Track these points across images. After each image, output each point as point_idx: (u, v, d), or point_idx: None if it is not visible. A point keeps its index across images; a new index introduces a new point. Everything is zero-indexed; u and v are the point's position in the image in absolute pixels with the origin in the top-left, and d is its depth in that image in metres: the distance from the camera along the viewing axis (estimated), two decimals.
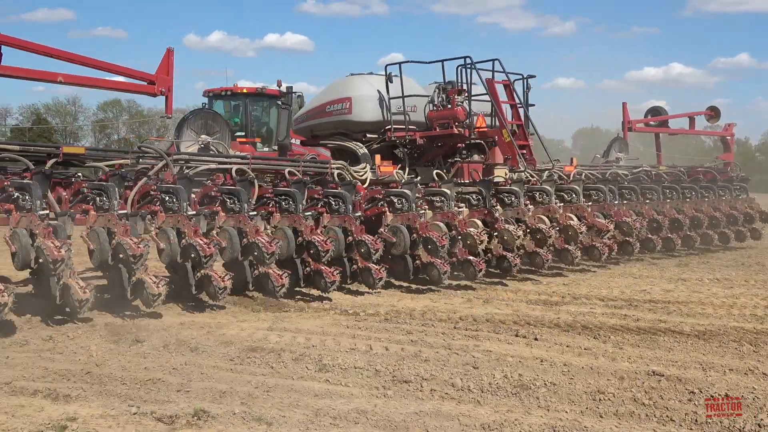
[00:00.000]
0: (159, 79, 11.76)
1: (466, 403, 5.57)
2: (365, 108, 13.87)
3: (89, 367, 6.39)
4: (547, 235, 11.39)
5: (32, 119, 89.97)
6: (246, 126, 19.71)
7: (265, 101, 20.04)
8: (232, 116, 19.77)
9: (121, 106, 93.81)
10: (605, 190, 13.32)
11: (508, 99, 13.53)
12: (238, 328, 7.93)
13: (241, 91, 20.02)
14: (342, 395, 5.72)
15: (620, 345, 7.30)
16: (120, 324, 7.96)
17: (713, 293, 10.27)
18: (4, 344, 7.13)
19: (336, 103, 14.34)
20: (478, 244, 10.62)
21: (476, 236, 10.63)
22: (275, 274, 9.07)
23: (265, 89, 19.91)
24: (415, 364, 6.50)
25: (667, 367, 6.44)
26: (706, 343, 7.36)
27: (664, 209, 14.42)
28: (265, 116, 20.18)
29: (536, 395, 5.72)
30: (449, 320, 8.37)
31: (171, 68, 11.84)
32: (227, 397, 5.63)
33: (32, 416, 5.15)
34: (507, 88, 13.51)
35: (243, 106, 19.88)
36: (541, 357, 6.76)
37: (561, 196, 12.79)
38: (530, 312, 8.83)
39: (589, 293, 10.19)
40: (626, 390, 5.82)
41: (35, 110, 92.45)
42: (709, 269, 12.82)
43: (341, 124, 14.37)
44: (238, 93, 19.97)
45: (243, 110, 19.99)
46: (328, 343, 7.26)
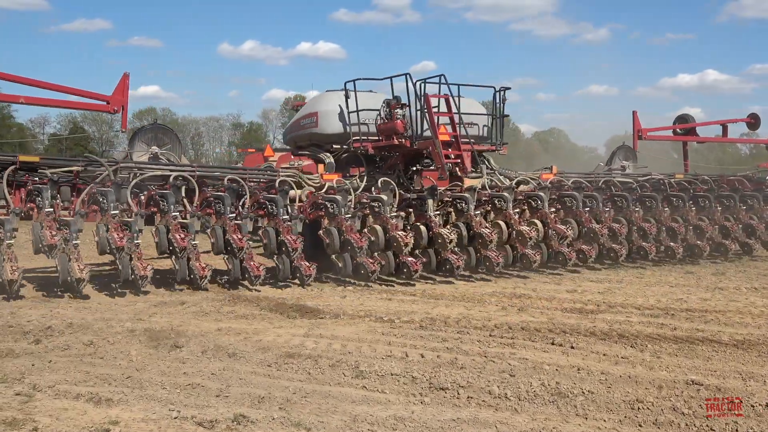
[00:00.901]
0: (114, 100, 13.91)
1: (503, 411, 5.55)
2: (329, 122, 14.53)
3: (130, 371, 6.47)
4: (488, 239, 12.14)
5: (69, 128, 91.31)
6: None
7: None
8: None
9: (156, 114, 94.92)
10: (578, 197, 13.64)
11: (448, 111, 13.73)
12: (274, 334, 7.97)
13: None
14: (379, 402, 5.73)
15: (658, 354, 7.23)
16: (158, 329, 8.03)
17: (751, 302, 10.13)
18: (46, 348, 7.24)
19: (307, 117, 15.19)
20: (403, 246, 11.71)
21: (401, 239, 11.73)
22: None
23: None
24: (452, 372, 6.49)
25: (706, 377, 6.37)
26: (745, 353, 7.26)
27: (662, 217, 14.49)
28: None
29: (574, 403, 5.69)
30: (484, 328, 8.33)
31: (126, 90, 13.89)
32: (266, 402, 5.66)
33: (76, 419, 5.22)
34: (447, 102, 13.69)
35: None
36: (578, 365, 6.71)
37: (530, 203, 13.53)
38: (565, 320, 8.77)
39: (625, 302, 10.10)
40: (665, 399, 5.76)
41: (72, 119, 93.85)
42: (746, 278, 12.65)
43: (313, 136, 15.05)
44: None
45: None
46: (364, 350, 7.27)
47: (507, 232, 12.89)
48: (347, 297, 10.35)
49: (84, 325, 8.21)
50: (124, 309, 9.20)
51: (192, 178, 11.77)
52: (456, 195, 13.03)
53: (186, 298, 9.99)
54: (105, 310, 9.14)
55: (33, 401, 5.61)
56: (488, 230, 12.36)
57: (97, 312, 9.00)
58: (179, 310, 9.19)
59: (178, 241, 10.61)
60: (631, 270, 13.63)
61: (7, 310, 8.97)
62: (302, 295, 10.45)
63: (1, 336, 7.75)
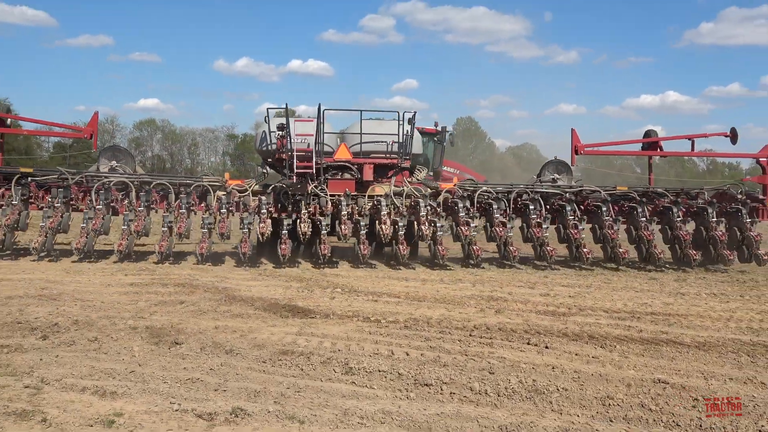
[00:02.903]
0: (86, 131, 18.47)
1: (484, 406, 5.56)
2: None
3: (132, 366, 6.42)
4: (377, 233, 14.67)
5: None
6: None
7: (425, 138, 22.19)
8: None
9: (156, 125, 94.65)
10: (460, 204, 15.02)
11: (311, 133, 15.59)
12: (268, 332, 7.94)
13: None
14: (368, 397, 5.73)
15: (626, 354, 7.26)
16: (159, 327, 7.98)
17: (711, 307, 10.19)
18: (53, 344, 7.18)
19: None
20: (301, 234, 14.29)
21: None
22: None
23: (424, 129, 22.50)
24: (435, 369, 6.49)
25: (671, 376, 6.41)
26: (706, 354, 7.32)
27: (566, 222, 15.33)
28: (425, 149, 22.06)
29: (549, 399, 5.71)
30: (464, 328, 8.32)
31: (95, 123, 18.13)
32: (261, 396, 5.64)
33: (82, 411, 5.19)
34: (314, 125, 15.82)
35: None
36: (552, 364, 6.73)
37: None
38: (540, 322, 8.79)
39: (594, 305, 10.13)
40: (634, 396, 5.79)
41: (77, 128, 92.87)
42: (706, 284, 12.72)
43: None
44: None
45: None
46: (353, 348, 7.26)
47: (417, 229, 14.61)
48: (336, 298, 10.32)
49: (89, 322, 8.15)
50: (126, 307, 9.13)
51: (131, 183, 15.22)
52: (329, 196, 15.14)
53: (184, 298, 9.93)
54: (108, 308, 9.07)
55: (41, 394, 5.56)
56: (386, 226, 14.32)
57: (101, 310, 8.93)
58: (178, 309, 9.13)
59: None
60: (600, 276, 13.75)
61: (15, 308, 8.89)
62: (293, 296, 10.40)
63: (11, 332, 7.68)
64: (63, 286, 10.63)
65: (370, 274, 13.09)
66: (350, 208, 14.82)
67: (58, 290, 10.28)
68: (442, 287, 11.66)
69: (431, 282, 12.23)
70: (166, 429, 4.89)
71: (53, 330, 7.76)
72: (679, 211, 15.45)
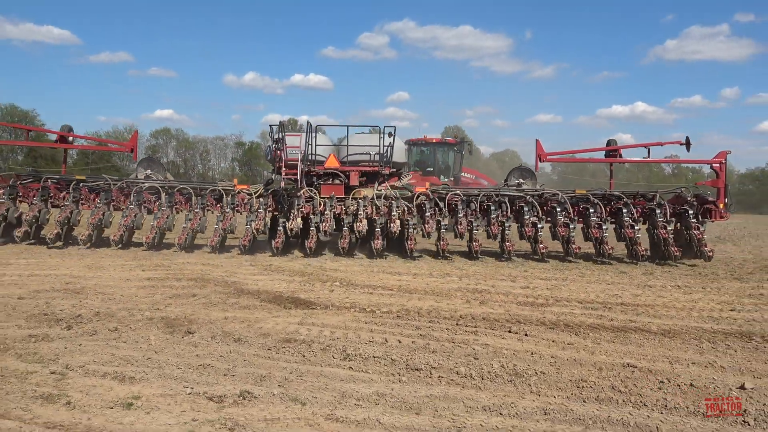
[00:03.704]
0: (127, 145, 20.61)
1: (469, 389, 5.56)
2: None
3: (149, 353, 6.41)
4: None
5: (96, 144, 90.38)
6: (434, 164, 24.94)
7: (446, 147, 25.01)
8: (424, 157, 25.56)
9: (170, 134, 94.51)
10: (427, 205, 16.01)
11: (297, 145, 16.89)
12: (273, 322, 7.93)
13: (430, 141, 25.65)
14: (364, 380, 5.72)
15: (598, 341, 7.28)
16: (173, 318, 7.96)
17: (675, 298, 10.22)
18: (77, 334, 7.16)
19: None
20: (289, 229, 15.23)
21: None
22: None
23: (446, 140, 25.58)
24: (425, 355, 6.49)
25: (639, 360, 6.43)
26: (671, 340, 7.35)
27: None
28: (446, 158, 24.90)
29: (528, 382, 5.72)
30: (452, 318, 8.33)
31: (135, 139, 20.22)
32: (267, 380, 5.64)
33: (103, 394, 5.18)
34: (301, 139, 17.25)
35: (431, 151, 25.35)
36: (531, 350, 6.74)
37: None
38: (520, 312, 8.80)
39: (569, 296, 10.15)
40: (605, 379, 5.81)
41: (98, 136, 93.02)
42: (671, 278, 12.77)
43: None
44: (429, 142, 25.54)
45: (431, 154, 25.50)
46: (350, 336, 7.25)
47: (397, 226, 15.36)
48: (334, 291, 10.31)
49: (109, 314, 8.13)
50: (143, 300, 9.12)
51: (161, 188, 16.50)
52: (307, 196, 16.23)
53: (197, 291, 9.91)
54: (127, 300, 9.05)
55: (66, 379, 5.55)
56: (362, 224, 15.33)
57: (121, 302, 8.91)
58: (191, 302, 9.12)
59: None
60: (575, 270, 13.77)
61: (43, 300, 8.86)
62: (296, 289, 10.40)
63: (38, 323, 7.66)
64: (86, 281, 10.61)
65: (366, 269, 13.09)
66: (338, 208, 15.94)
67: (82, 284, 10.25)
68: (432, 281, 11.67)
69: (422, 276, 12.24)
70: (180, 411, 4.88)
71: (77, 321, 7.75)
72: (629, 212, 15.58)
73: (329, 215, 15.50)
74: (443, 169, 25.62)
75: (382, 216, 15.75)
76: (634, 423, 4.83)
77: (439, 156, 25.97)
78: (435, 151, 25.93)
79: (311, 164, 16.96)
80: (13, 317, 7.91)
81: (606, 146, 18.34)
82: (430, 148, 26.04)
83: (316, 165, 17.01)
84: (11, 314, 8.06)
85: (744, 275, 13.38)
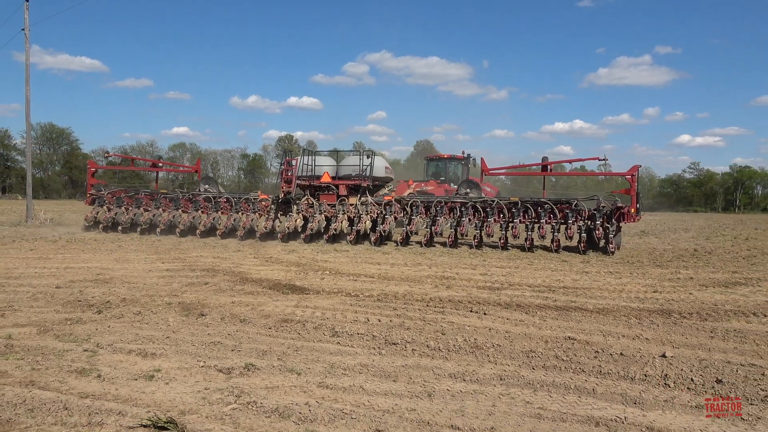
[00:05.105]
0: (194, 168, 23.33)
1: (437, 359, 5.57)
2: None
3: (168, 333, 6.35)
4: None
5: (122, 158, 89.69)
6: (446, 174, 26.49)
7: (455, 161, 26.68)
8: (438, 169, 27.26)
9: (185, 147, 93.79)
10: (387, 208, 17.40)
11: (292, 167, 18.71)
12: (273, 305, 7.88)
13: (443, 156, 27.41)
14: (349, 353, 5.71)
15: (544, 318, 7.32)
16: (188, 303, 7.89)
17: (608, 282, 10.29)
18: (106, 317, 7.07)
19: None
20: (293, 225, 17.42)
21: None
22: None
23: (455, 156, 26.88)
24: (400, 332, 6.49)
25: (578, 334, 6.47)
26: (604, 317, 7.40)
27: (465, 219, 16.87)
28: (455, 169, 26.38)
29: (487, 354, 5.73)
30: (423, 300, 8.33)
31: (199, 164, 23.32)
32: (267, 354, 5.60)
33: (129, 368, 5.12)
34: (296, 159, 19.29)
35: (444, 164, 26.88)
36: (489, 326, 6.76)
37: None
38: (480, 295, 8.82)
39: (521, 281, 10.19)
40: (550, 350, 5.84)
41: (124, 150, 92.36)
42: (604, 265, 12.85)
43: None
44: (442, 158, 27.36)
45: (444, 166, 26.96)
46: (338, 317, 7.22)
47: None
48: (325, 279, 10.27)
49: (134, 300, 8.04)
50: (163, 288, 9.02)
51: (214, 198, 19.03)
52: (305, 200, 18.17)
53: (208, 280, 9.82)
54: (149, 288, 8.94)
55: (97, 356, 5.48)
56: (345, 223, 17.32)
57: (143, 290, 8.80)
58: (203, 289, 9.03)
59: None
60: (525, 260, 13.81)
61: (77, 289, 8.74)
62: (292, 277, 10.34)
63: (73, 308, 7.55)
64: (114, 272, 10.47)
65: (351, 260, 13.04)
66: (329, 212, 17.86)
67: (110, 275, 10.11)
68: (406, 269, 11.65)
69: (398, 266, 12.22)
70: (194, 381, 4.84)
71: (106, 306, 7.65)
72: (545, 215, 16.22)
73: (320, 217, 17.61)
74: (453, 178, 26.72)
75: (357, 216, 17.50)
76: (574, 386, 4.86)
77: (450, 168, 27.23)
78: (447, 164, 27.28)
79: (311, 179, 18.84)
80: (51, 304, 7.79)
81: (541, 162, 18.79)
82: (443, 162, 27.45)
83: (315, 180, 18.83)
84: (50, 301, 7.94)
85: (664, 263, 13.51)
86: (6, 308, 7.44)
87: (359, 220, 17.29)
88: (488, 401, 4.52)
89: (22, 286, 9.04)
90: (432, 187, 23.42)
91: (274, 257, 13.37)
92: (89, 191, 20.58)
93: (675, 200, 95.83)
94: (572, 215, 16.09)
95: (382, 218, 17.22)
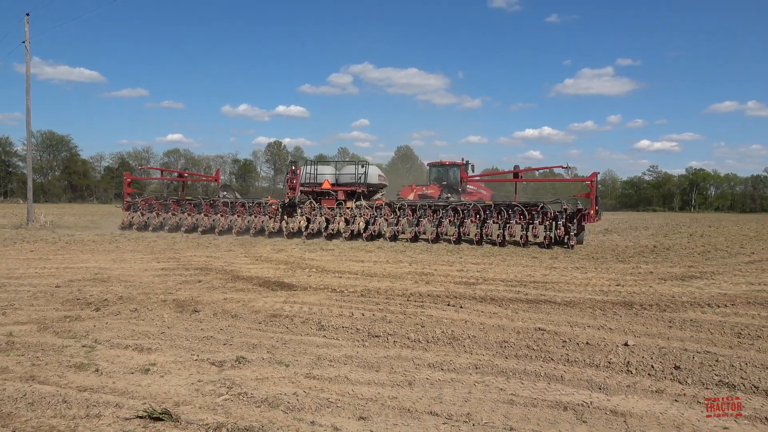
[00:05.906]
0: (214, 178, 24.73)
1: (417, 350, 5.56)
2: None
3: (163, 329, 6.27)
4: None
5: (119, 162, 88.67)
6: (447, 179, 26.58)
7: (455, 167, 26.87)
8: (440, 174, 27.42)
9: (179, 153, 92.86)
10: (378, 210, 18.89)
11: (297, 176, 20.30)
12: (263, 301, 7.82)
13: (444, 163, 27.58)
14: (335, 346, 5.68)
15: (516, 311, 7.34)
16: (183, 300, 7.80)
17: (575, 277, 10.37)
18: (104, 314, 6.96)
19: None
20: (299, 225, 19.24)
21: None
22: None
23: (455, 162, 27.06)
24: (383, 325, 6.47)
25: (547, 325, 6.50)
26: (571, 309, 7.44)
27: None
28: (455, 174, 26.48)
29: (463, 344, 5.74)
30: (403, 295, 8.32)
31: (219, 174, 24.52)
32: (257, 348, 5.56)
33: (126, 363, 5.04)
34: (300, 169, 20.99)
35: (445, 170, 27.17)
36: (465, 319, 6.77)
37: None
38: (457, 289, 8.83)
39: (495, 277, 10.23)
40: (522, 340, 5.86)
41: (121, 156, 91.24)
42: (571, 261, 12.97)
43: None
44: (443, 164, 27.46)
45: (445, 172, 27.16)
46: (324, 311, 7.19)
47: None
48: (311, 276, 10.22)
49: (130, 298, 7.93)
50: (158, 286, 8.91)
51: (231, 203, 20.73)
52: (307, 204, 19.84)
53: (201, 278, 9.72)
54: (145, 287, 8.83)
55: (95, 351, 5.39)
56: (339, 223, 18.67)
57: (140, 288, 8.69)
58: (197, 286, 8.94)
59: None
60: (499, 257, 13.87)
61: (76, 288, 8.60)
62: (281, 275, 10.27)
63: (72, 306, 7.43)
64: (111, 272, 10.33)
65: (336, 258, 13.01)
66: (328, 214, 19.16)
67: (108, 274, 9.97)
68: (388, 266, 11.64)
69: (380, 263, 12.20)
70: (188, 374, 4.78)
71: (104, 304, 7.53)
72: (515, 216, 17.37)
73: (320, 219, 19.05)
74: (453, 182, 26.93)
75: (352, 218, 18.87)
76: (544, 374, 4.89)
77: (450, 173, 27.50)
78: (447, 170, 27.53)
79: (314, 186, 20.26)
80: (51, 302, 7.66)
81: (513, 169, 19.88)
82: (444, 168, 27.72)
83: (317, 186, 20.23)
84: (50, 300, 7.80)
85: (626, 258, 13.66)
86: (7, 307, 7.30)
87: (354, 220, 18.82)
88: (464, 389, 4.52)
89: (22, 285, 8.88)
90: (433, 190, 24.49)
91: (264, 256, 13.28)
92: (125, 199, 22.61)
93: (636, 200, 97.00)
94: (538, 216, 17.16)
95: (373, 219, 18.63)
